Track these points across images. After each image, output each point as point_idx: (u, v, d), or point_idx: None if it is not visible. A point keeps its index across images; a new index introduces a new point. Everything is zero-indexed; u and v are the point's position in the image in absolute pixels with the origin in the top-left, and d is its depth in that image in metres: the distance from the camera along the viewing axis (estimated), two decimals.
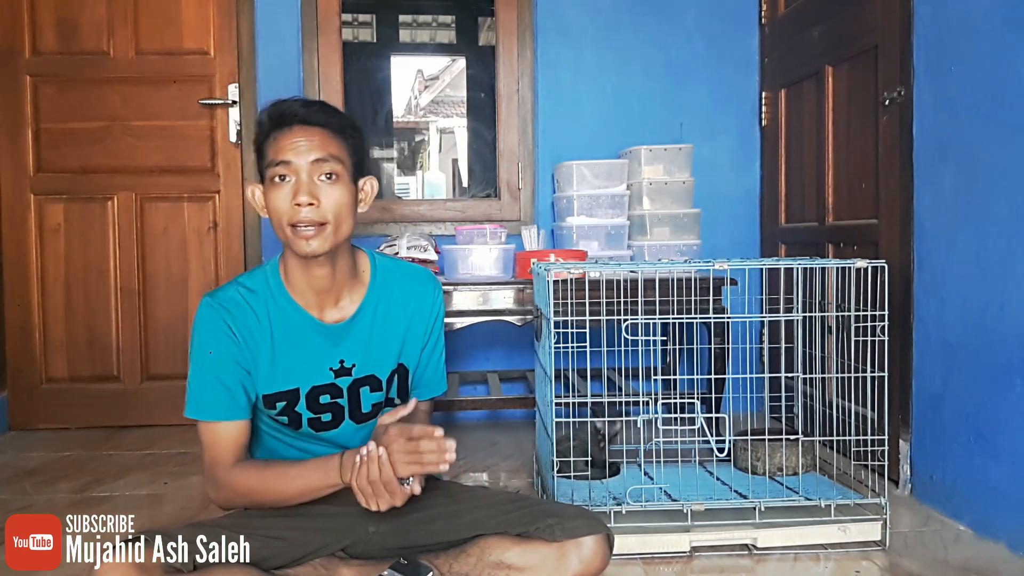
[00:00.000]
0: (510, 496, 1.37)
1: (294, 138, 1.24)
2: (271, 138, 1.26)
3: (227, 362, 1.27)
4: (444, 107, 5.27)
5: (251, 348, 1.28)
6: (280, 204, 1.23)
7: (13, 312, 2.82)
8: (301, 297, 1.32)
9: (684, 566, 1.60)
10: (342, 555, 1.30)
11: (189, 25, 2.82)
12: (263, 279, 1.33)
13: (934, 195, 1.90)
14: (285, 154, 1.23)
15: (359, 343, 1.34)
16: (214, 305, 1.28)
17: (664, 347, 2.55)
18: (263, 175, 1.27)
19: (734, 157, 2.97)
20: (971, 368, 1.76)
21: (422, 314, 1.40)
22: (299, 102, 1.27)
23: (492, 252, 2.54)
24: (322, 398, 1.32)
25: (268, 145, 1.26)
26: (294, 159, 1.23)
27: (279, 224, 1.25)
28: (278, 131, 1.25)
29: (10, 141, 2.80)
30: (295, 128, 1.24)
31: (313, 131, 1.25)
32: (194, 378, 1.28)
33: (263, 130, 1.27)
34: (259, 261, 2.87)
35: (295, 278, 1.31)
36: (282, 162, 1.23)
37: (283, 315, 1.31)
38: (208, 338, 1.28)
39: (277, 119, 1.26)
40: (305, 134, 1.24)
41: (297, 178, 1.23)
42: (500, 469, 2.29)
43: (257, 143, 1.29)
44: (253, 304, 1.30)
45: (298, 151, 1.23)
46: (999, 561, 1.59)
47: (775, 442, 1.92)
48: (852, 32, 2.26)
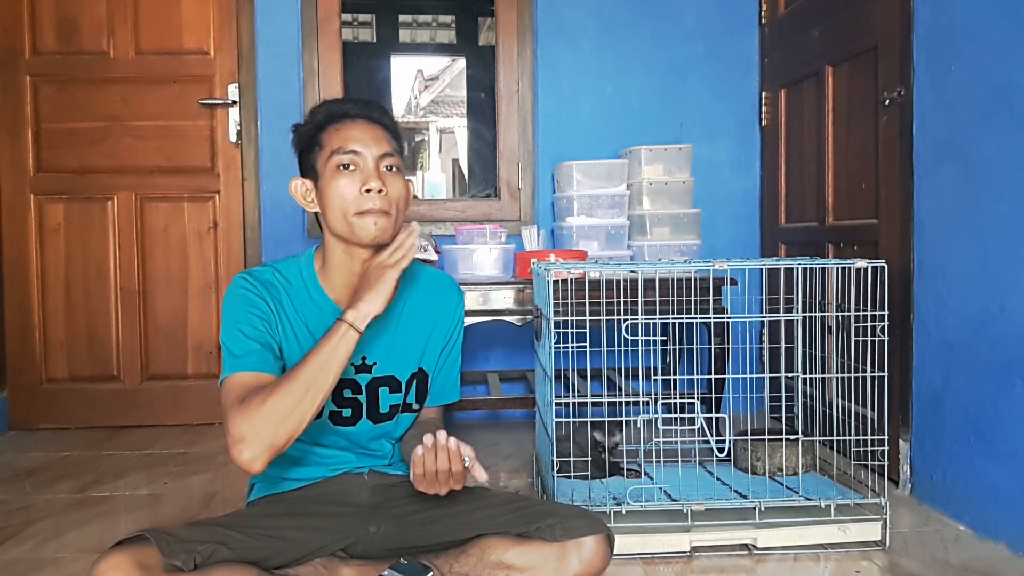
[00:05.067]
0: (510, 496, 1.37)
1: (359, 130, 1.28)
2: (330, 130, 1.29)
3: (258, 323, 1.25)
4: (444, 107, 5.28)
5: (283, 326, 1.29)
6: (347, 191, 1.26)
7: (13, 312, 2.82)
8: (333, 291, 1.34)
9: (684, 566, 1.60)
10: (343, 555, 1.30)
11: (189, 25, 2.82)
12: (297, 269, 1.35)
13: (934, 195, 1.90)
14: (353, 143, 1.26)
15: (382, 342, 1.35)
16: (250, 279, 1.30)
17: (664, 347, 2.56)
18: (315, 168, 1.30)
19: (734, 157, 2.97)
20: (971, 368, 1.77)
21: (445, 320, 1.43)
22: (355, 101, 1.32)
23: (492, 252, 2.54)
24: (345, 392, 1.33)
25: (327, 136, 1.29)
26: (363, 149, 1.27)
27: (342, 211, 1.26)
28: (339, 123, 1.29)
29: (10, 141, 2.80)
30: (359, 121, 1.29)
31: (375, 126, 1.30)
32: (230, 341, 1.23)
33: (316, 124, 1.30)
34: (259, 261, 2.87)
35: (333, 271, 1.33)
36: (351, 151, 1.26)
37: (314, 307, 1.32)
38: (241, 304, 1.26)
39: (336, 114, 1.30)
40: (369, 127, 1.29)
41: (364, 167, 1.27)
42: (500, 469, 2.29)
43: (306, 138, 1.31)
44: (287, 290, 1.32)
45: (366, 142, 1.27)
46: (999, 561, 1.59)
47: (775, 442, 1.92)
48: (852, 32, 2.26)
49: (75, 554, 1.67)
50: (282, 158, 2.88)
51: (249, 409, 1.12)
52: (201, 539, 1.14)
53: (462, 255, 2.55)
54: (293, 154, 1.37)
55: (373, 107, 1.33)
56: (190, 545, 1.12)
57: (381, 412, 1.37)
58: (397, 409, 1.38)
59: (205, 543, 1.14)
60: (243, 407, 1.13)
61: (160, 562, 1.08)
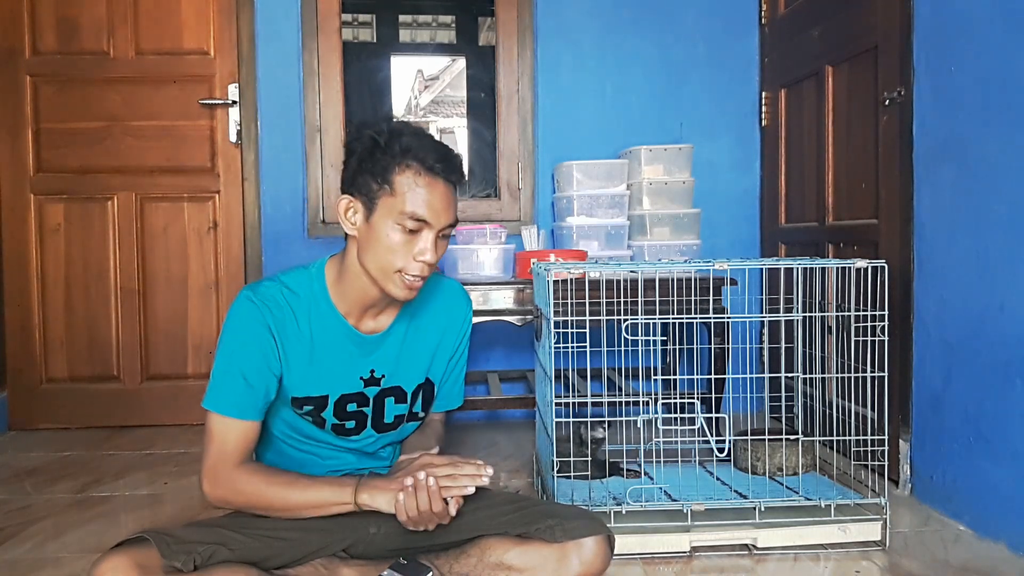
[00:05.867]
0: (510, 497, 1.37)
1: (438, 196, 1.20)
2: (407, 175, 1.19)
3: (257, 361, 1.23)
4: (444, 107, 5.27)
5: (285, 350, 1.25)
6: (400, 250, 1.21)
7: (13, 312, 2.82)
8: (344, 305, 1.30)
9: (684, 566, 1.60)
10: (343, 555, 1.30)
11: (189, 25, 2.82)
12: (307, 281, 1.30)
13: (934, 195, 1.90)
14: (426, 211, 1.19)
15: (390, 354, 1.35)
16: (255, 301, 1.24)
17: (664, 347, 2.56)
18: (372, 199, 1.21)
19: (734, 157, 2.97)
20: (971, 368, 1.76)
21: (454, 331, 1.43)
22: (443, 153, 1.22)
23: (492, 252, 2.54)
24: (349, 406, 1.32)
25: (400, 182, 1.19)
26: (433, 219, 1.20)
27: (385, 264, 1.21)
28: (418, 175, 1.19)
29: (10, 141, 2.80)
30: (439, 184, 1.21)
31: (450, 191, 1.23)
32: (219, 369, 1.23)
33: (390, 154, 1.20)
34: (259, 261, 2.87)
35: (349, 290, 1.28)
36: (422, 220, 1.20)
37: (323, 321, 1.29)
38: (242, 333, 1.23)
39: (425, 166, 1.20)
40: (446, 194, 1.22)
41: (424, 233, 1.21)
42: (500, 469, 2.28)
43: (375, 164, 1.21)
44: (294, 306, 1.27)
45: (438, 212, 1.20)
46: (999, 561, 1.59)
47: (775, 442, 1.92)
48: (852, 32, 2.26)
49: (75, 554, 1.67)
50: (282, 158, 2.88)
51: (221, 488, 1.22)
52: (201, 540, 1.14)
53: (462, 255, 2.55)
54: (344, 154, 1.27)
55: (456, 168, 1.23)
56: (190, 546, 1.12)
57: (386, 422, 1.37)
58: (402, 419, 1.39)
59: (205, 544, 1.14)
60: (217, 483, 1.21)
61: (160, 563, 1.08)
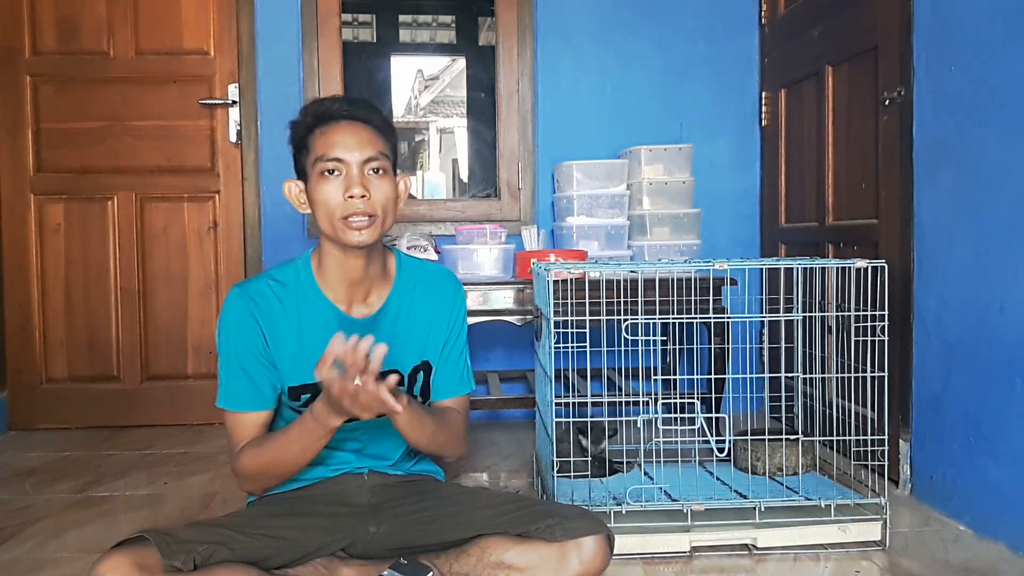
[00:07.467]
0: (510, 496, 1.37)
1: (343, 134, 1.27)
2: (316, 133, 1.29)
3: (251, 353, 1.31)
4: (444, 107, 5.27)
5: (276, 341, 1.31)
6: (331, 197, 1.26)
7: (13, 312, 2.82)
8: (331, 291, 1.35)
9: (684, 566, 1.60)
10: (342, 555, 1.30)
11: (189, 25, 2.82)
12: (294, 272, 1.36)
13: (934, 195, 1.90)
14: (336, 149, 1.26)
15: (383, 338, 1.34)
16: (242, 296, 1.32)
17: (664, 347, 2.56)
18: (305, 171, 1.30)
19: (734, 157, 2.97)
20: (971, 368, 1.76)
21: (443, 311, 1.44)
22: (344, 100, 1.31)
23: (492, 252, 2.54)
24: None
25: (314, 140, 1.28)
26: (345, 155, 1.26)
27: (328, 216, 1.27)
28: (324, 126, 1.28)
29: (10, 141, 2.80)
30: (343, 124, 1.28)
31: (361, 127, 1.29)
32: (222, 367, 1.33)
33: (305, 126, 1.30)
34: (259, 261, 2.87)
35: (329, 271, 1.34)
36: (333, 158, 1.26)
37: (311, 308, 1.34)
38: (234, 329, 1.32)
39: (323, 115, 1.29)
40: (354, 130, 1.28)
41: (348, 172, 1.27)
42: (500, 469, 2.29)
43: (298, 139, 1.32)
44: (282, 297, 1.33)
45: (349, 147, 1.26)
46: (999, 561, 1.59)
47: (775, 442, 1.92)
48: (852, 32, 2.26)
49: (75, 554, 1.67)
50: (282, 158, 2.85)
51: (241, 476, 1.32)
52: (201, 540, 1.14)
53: (462, 255, 2.55)
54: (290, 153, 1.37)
55: (360, 106, 1.31)
56: (190, 546, 1.12)
57: None
58: None
59: (205, 544, 1.14)
60: (238, 474, 1.32)
61: (160, 563, 1.08)
